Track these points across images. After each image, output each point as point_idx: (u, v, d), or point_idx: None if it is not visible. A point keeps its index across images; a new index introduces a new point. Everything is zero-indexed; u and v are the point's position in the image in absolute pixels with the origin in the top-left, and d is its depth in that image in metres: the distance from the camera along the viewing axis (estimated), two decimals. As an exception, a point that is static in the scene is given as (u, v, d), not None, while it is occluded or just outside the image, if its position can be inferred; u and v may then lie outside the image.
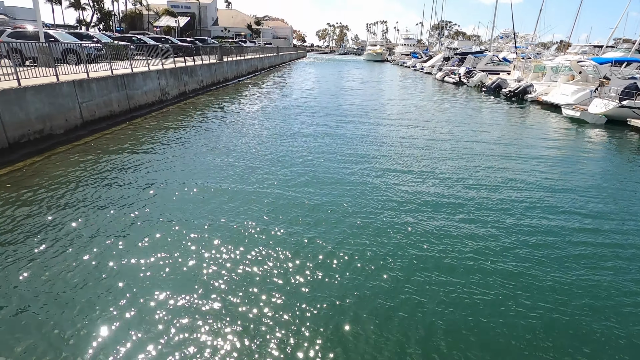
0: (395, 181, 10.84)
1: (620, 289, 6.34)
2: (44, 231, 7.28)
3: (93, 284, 5.88)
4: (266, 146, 13.92)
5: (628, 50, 34.21)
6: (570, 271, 6.75)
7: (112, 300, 5.56)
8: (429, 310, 5.64)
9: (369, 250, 7.10)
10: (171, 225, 7.70)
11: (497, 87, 35.00)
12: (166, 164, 11.50)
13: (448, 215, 8.77)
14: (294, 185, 10.09)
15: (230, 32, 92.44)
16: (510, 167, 12.76)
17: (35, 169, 10.54)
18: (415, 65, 75.46)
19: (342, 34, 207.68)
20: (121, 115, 16.73)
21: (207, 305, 5.54)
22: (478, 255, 7.12)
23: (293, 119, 19.56)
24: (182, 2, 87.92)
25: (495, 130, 19.17)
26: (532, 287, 6.25)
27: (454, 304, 5.79)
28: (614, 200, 10.23)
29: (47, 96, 12.53)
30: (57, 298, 5.55)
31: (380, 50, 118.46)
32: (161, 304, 5.51)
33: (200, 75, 27.50)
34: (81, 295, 5.62)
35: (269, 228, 7.74)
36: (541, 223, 8.54)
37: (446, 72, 49.36)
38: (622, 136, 18.88)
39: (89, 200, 8.71)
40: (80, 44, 17.68)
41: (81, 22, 60.14)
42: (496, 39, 66.50)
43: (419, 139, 16.34)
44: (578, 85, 25.52)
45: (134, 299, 5.59)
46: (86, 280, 5.94)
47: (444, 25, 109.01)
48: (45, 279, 5.94)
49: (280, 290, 5.89)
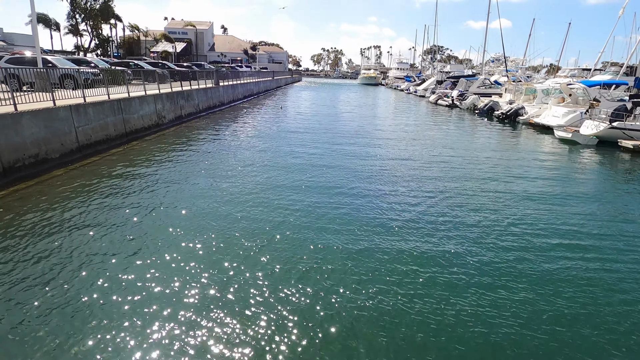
0: (391, 202, 10.86)
1: (619, 310, 6.31)
2: (35, 256, 7.17)
3: (87, 305, 5.78)
4: (260, 170, 13.95)
5: (616, 73, 34.99)
6: (562, 289, 6.72)
7: (106, 325, 5.45)
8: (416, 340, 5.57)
9: (365, 272, 7.05)
10: (164, 248, 7.63)
11: (490, 109, 35.57)
12: (160, 187, 11.48)
13: (445, 235, 8.75)
14: (288, 207, 10.07)
15: (226, 56, 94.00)
16: (507, 188, 12.82)
17: (29, 193, 10.47)
18: (409, 89, 76.71)
19: (336, 58, 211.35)
20: (117, 139, 16.78)
21: (197, 329, 5.45)
22: (473, 276, 7.09)
23: (287, 143, 19.69)
24: (179, 28, 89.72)
25: (490, 151, 19.36)
26: (526, 311, 6.21)
27: (446, 331, 5.73)
28: (611, 221, 10.28)
29: (43, 120, 12.59)
30: (45, 322, 5.43)
31: (374, 74, 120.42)
32: (154, 332, 5.41)
33: (197, 99, 27.78)
34: (73, 319, 5.51)
35: (264, 249, 7.69)
36: (537, 242, 8.54)
37: (439, 95, 50.20)
38: (613, 157, 19.12)
39: (82, 222, 8.64)
40: (78, 69, 17.88)
41: (79, 47, 60.96)
42: (487, 62, 67.94)
43: (415, 161, 16.45)
44: (568, 108, 25.99)
45: (128, 323, 5.49)
46: (81, 303, 5.84)
47: (437, 49, 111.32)
48: (38, 302, 5.83)
49: (266, 327, 5.81)
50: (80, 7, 57.64)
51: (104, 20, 61.66)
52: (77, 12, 57.86)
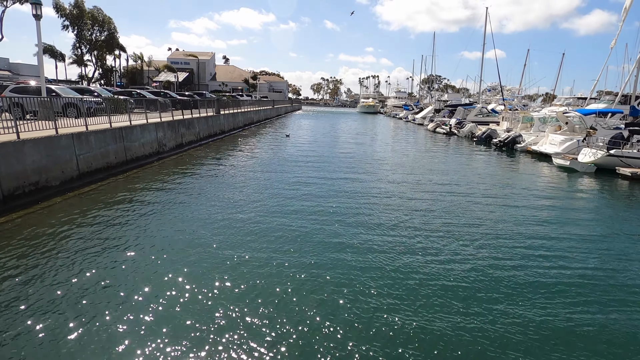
0: (389, 229, 10.81)
1: (622, 331, 6.18)
2: (32, 284, 7.07)
3: (88, 332, 5.65)
4: (260, 198, 13.97)
5: (611, 102, 35.56)
6: (559, 313, 6.60)
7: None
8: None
9: (363, 303, 6.94)
10: (161, 278, 7.54)
11: (488, 137, 35.91)
12: (158, 216, 11.44)
13: (444, 262, 8.67)
14: (290, 236, 10.02)
15: (227, 86, 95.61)
16: (507, 216, 12.79)
17: (28, 220, 10.43)
18: (407, 117, 77.66)
19: (335, 87, 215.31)
20: (118, 166, 16.85)
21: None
22: (472, 305, 6.97)
23: (288, 171, 19.78)
24: (181, 58, 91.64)
25: (490, 179, 19.42)
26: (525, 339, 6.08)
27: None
28: (610, 248, 10.22)
29: (45, 148, 12.67)
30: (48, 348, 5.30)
31: (373, 103, 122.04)
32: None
33: (198, 127, 28.07)
34: (70, 346, 5.37)
35: (264, 280, 7.60)
36: (538, 268, 8.47)
37: (437, 123, 50.78)
38: (612, 184, 19.18)
39: (79, 250, 8.55)
40: (81, 98, 18.15)
41: (83, 77, 62.07)
42: (484, 91, 69.08)
43: (414, 189, 16.47)
44: (565, 135, 26.27)
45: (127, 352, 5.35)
46: (77, 333, 5.71)
47: (434, 79, 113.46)
48: (31, 321, 5.71)
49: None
50: (86, 39, 59.06)
51: (109, 51, 63.07)
52: (82, 43, 59.25)
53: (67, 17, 55.55)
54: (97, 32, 60.02)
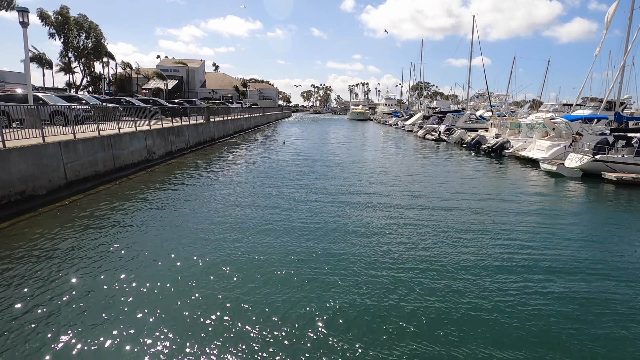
0: (381, 235, 10.84)
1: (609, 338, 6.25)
2: (19, 296, 6.94)
3: (80, 343, 5.55)
4: (249, 207, 13.91)
5: (596, 108, 36.21)
6: (550, 321, 6.66)
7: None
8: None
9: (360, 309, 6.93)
10: (152, 285, 7.45)
11: (477, 143, 36.29)
12: (148, 225, 11.33)
13: (434, 269, 8.71)
14: (277, 248, 9.99)
15: (217, 93, 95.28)
16: (495, 220, 12.91)
17: (14, 230, 10.24)
18: (397, 124, 78.10)
19: (325, 94, 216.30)
20: (106, 175, 16.67)
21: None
22: (461, 311, 7.01)
23: (279, 178, 19.74)
24: (171, 66, 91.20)
25: (480, 184, 19.59)
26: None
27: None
28: (598, 251, 10.37)
29: (31, 157, 12.49)
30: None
31: (363, 110, 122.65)
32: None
33: (187, 135, 27.94)
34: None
35: (255, 291, 7.56)
36: (530, 274, 8.55)
37: (427, 130, 51.19)
38: (598, 188, 19.51)
39: (67, 260, 8.42)
40: (69, 106, 17.97)
41: (71, 85, 61.43)
42: (472, 98, 69.85)
43: (404, 195, 16.53)
44: (552, 141, 26.67)
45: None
46: (62, 343, 5.60)
47: (423, 86, 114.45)
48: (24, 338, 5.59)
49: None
50: (73, 46, 58.51)
51: (97, 58, 62.49)
52: (69, 51, 58.68)
53: (52, 24, 55.01)
54: (83, 39, 59.49)
